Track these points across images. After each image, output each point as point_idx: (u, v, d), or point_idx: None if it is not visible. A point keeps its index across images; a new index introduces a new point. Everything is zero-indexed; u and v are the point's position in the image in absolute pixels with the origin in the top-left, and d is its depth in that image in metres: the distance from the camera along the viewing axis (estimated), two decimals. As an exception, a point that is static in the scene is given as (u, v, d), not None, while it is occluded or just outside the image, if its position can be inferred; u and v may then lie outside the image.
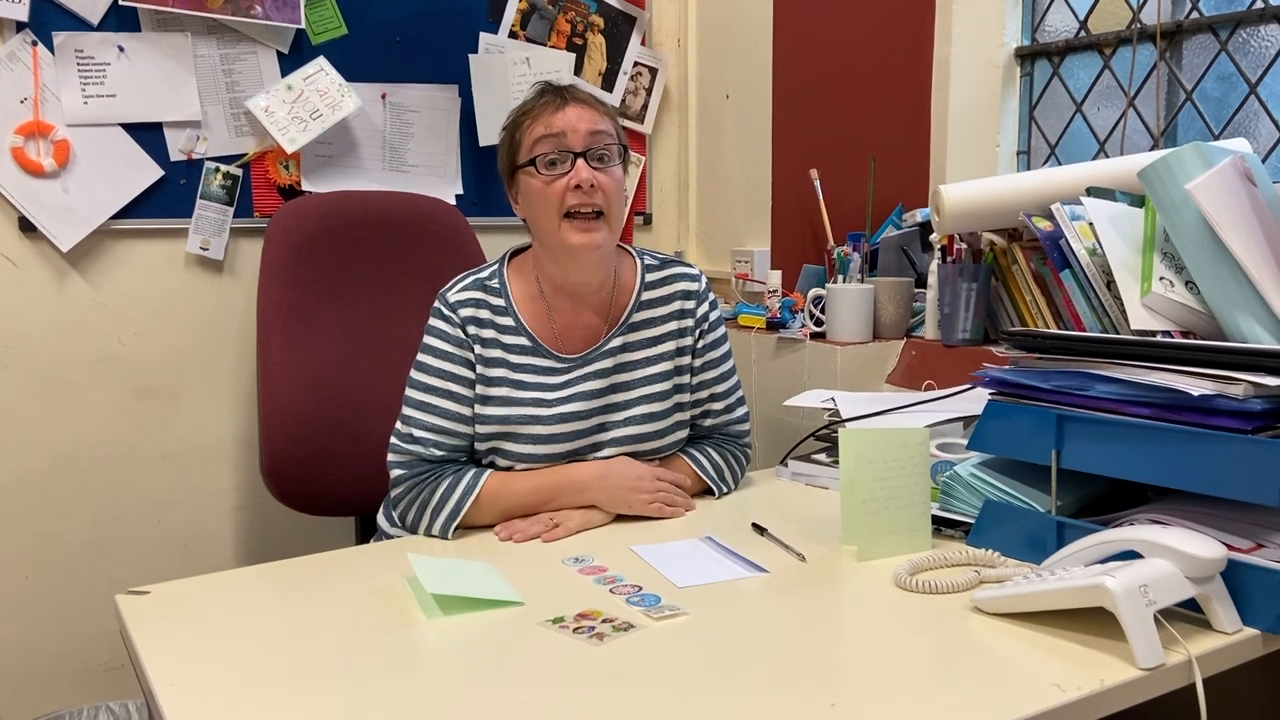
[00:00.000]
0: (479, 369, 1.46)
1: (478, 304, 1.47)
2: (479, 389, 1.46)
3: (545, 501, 1.43)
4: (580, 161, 1.41)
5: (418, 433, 1.44)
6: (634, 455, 1.49)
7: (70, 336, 2.10)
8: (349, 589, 1.22)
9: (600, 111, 1.46)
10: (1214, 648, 0.99)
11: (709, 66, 2.65)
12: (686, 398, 1.55)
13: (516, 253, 1.55)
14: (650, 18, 2.63)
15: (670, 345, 1.53)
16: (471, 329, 1.46)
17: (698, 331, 1.55)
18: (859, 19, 2.23)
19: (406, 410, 1.46)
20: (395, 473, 1.45)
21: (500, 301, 1.48)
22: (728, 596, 1.17)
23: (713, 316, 1.57)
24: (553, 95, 1.45)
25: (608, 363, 1.50)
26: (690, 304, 1.54)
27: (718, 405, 1.58)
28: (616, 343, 1.51)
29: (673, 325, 1.53)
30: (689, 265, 1.58)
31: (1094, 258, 1.54)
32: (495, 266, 1.52)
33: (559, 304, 1.50)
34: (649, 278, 1.54)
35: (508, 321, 1.48)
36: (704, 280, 1.57)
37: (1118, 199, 1.57)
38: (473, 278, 1.50)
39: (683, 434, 1.56)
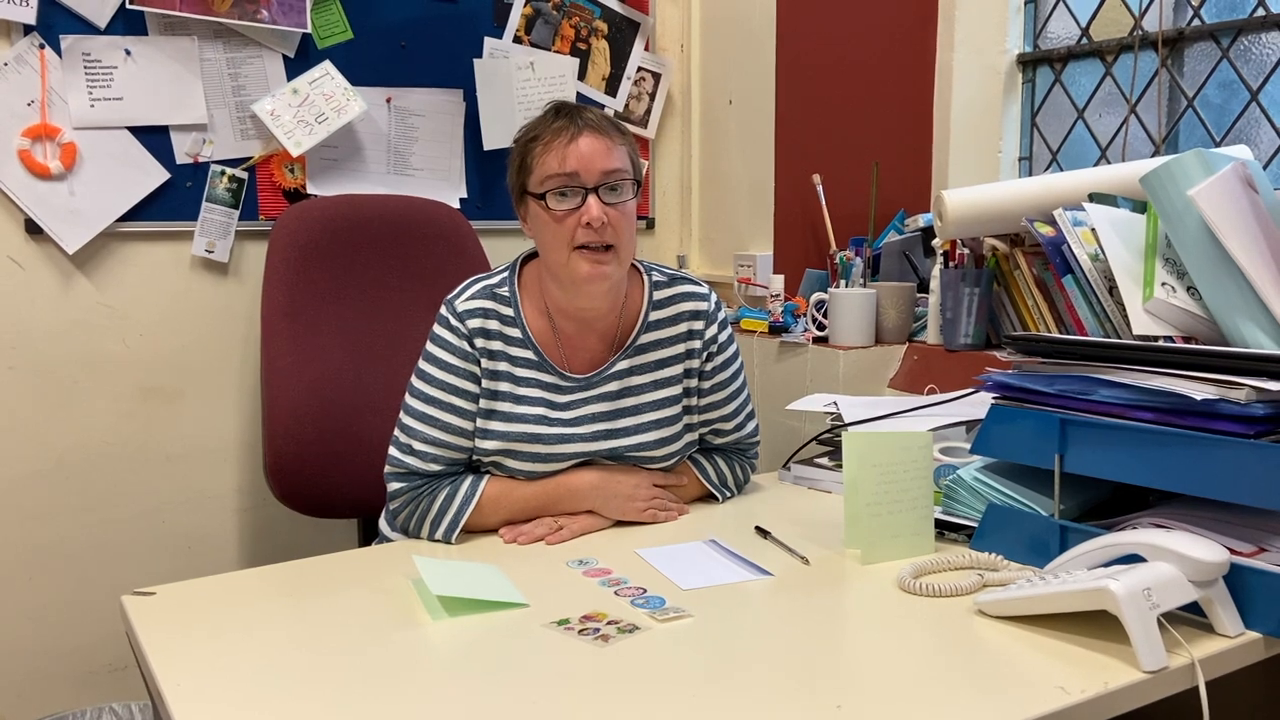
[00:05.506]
0: (485, 383, 1.43)
1: (486, 314, 1.43)
2: (483, 403, 1.43)
3: (543, 508, 1.43)
4: (592, 198, 1.36)
5: (417, 445, 1.41)
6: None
7: (75, 338, 2.11)
8: (354, 590, 1.22)
9: (614, 140, 1.39)
10: (1216, 651, 1.00)
11: (712, 72, 2.66)
12: (695, 419, 1.53)
13: (529, 258, 1.49)
14: (654, 23, 2.63)
15: (678, 368, 1.50)
16: (479, 341, 1.42)
17: (705, 354, 1.51)
18: (862, 25, 2.24)
19: (406, 420, 1.43)
20: (393, 485, 1.42)
21: (509, 311, 1.44)
22: (732, 599, 1.17)
23: (722, 338, 1.52)
24: (566, 121, 1.38)
25: (613, 386, 1.47)
26: (699, 325, 1.50)
27: (727, 425, 1.56)
28: (622, 365, 1.48)
29: (680, 348, 1.50)
30: (698, 283, 1.53)
31: (1096, 263, 1.55)
32: (506, 274, 1.47)
33: (565, 325, 1.46)
34: (656, 296, 1.50)
35: (515, 333, 1.44)
36: (713, 299, 1.53)
37: (1120, 205, 1.58)
38: (483, 284, 1.46)
39: (692, 449, 1.55)
